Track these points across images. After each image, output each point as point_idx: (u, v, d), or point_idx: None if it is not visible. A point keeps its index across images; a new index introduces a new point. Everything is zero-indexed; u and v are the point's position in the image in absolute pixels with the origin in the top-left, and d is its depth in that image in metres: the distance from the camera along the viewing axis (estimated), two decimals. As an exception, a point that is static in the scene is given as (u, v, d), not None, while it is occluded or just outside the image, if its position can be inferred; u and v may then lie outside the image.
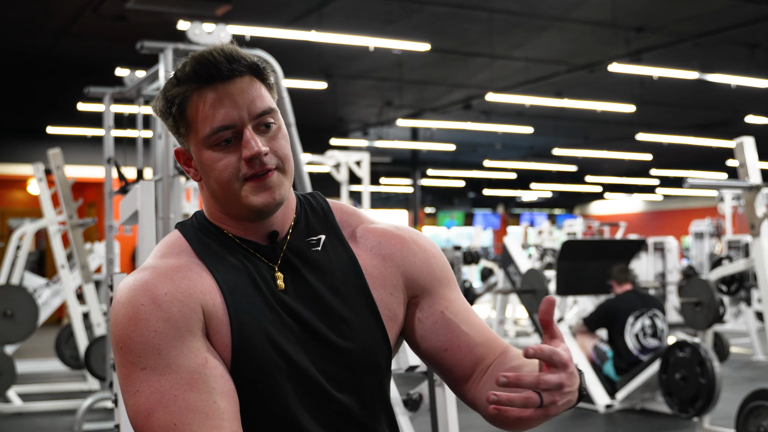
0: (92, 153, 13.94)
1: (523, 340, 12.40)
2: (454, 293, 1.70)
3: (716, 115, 18.44)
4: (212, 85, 1.52)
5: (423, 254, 1.69)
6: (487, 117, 17.93)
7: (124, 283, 1.52)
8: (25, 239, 8.52)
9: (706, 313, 5.94)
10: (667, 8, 11.36)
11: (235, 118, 1.52)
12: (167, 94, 1.56)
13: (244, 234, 1.60)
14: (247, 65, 1.55)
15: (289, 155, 1.57)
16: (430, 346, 1.66)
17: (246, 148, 1.51)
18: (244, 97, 1.53)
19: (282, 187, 1.55)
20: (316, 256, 1.63)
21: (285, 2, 10.80)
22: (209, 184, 1.57)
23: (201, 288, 1.51)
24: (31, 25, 11.57)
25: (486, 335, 1.67)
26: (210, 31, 5.17)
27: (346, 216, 1.72)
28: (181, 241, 1.60)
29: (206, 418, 1.41)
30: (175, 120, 1.57)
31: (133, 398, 1.45)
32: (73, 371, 9.16)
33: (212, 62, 1.51)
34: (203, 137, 1.53)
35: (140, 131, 6.16)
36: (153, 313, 1.46)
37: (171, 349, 1.45)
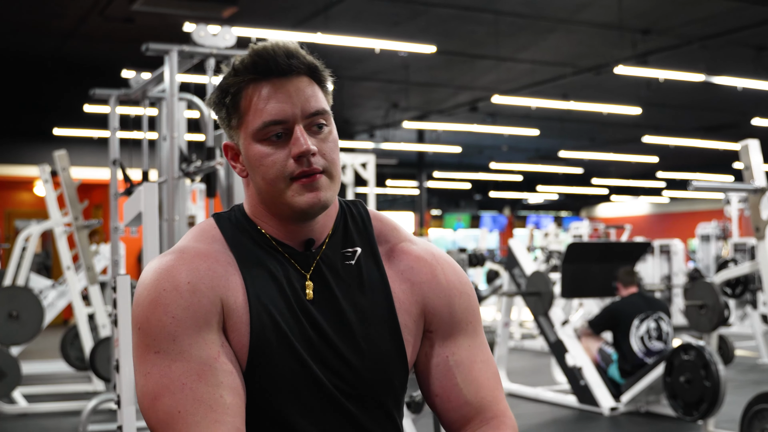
0: (99, 154, 13.96)
1: (529, 342, 12.40)
2: (467, 340, 1.66)
3: (723, 118, 18.41)
4: (268, 79, 1.53)
5: (449, 291, 1.65)
6: (494, 119, 17.92)
7: (151, 265, 1.53)
8: (31, 240, 8.54)
9: (711, 316, 5.93)
10: (674, 10, 11.35)
11: (288, 114, 1.52)
12: (223, 84, 1.56)
13: (280, 236, 1.58)
14: (306, 65, 1.55)
15: (337, 160, 1.56)
16: (426, 386, 1.65)
17: (295, 145, 1.51)
18: (299, 95, 1.53)
19: (329, 190, 1.54)
20: (349, 270, 1.61)
21: (291, 4, 10.81)
22: (255, 180, 1.56)
23: (225, 283, 1.51)
24: (38, 27, 11.59)
25: (480, 396, 1.62)
26: (215, 33, 5.18)
27: (385, 230, 1.69)
28: (215, 231, 1.59)
29: (210, 410, 1.42)
30: (228, 111, 1.56)
31: (143, 379, 1.46)
32: (78, 372, 9.18)
33: (271, 55, 1.52)
34: (254, 130, 1.53)
35: (145, 133, 6.17)
36: (173, 300, 1.46)
37: (186, 337, 1.45)
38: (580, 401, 7.60)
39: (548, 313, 7.89)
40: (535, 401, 8.06)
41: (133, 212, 3.26)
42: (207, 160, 4.96)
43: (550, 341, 8.00)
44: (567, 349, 7.74)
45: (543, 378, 9.08)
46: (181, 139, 5.57)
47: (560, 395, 7.98)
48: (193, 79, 6.53)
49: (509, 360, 9.39)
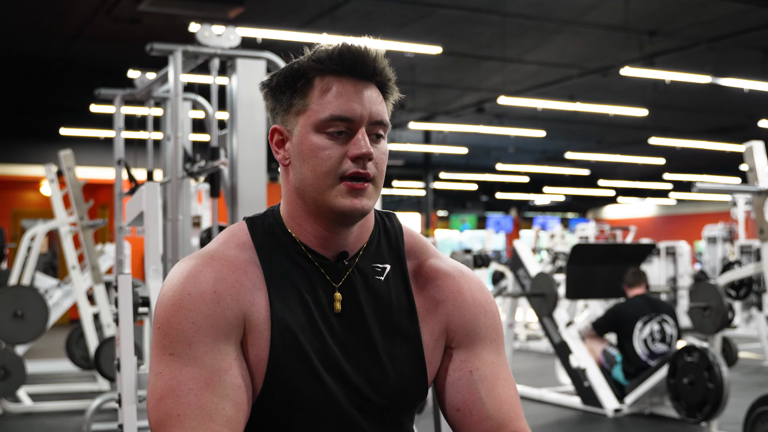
0: (105, 154, 13.98)
1: (534, 343, 12.40)
2: (490, 355, 1.65)
3: (729, 120, 18.38)
4: (346, 76, 1.52)
5: (474, 309, 1.65)
6: (500, 120, 17.92)
7: (180, 266, 1.53)
8: (36, 240, 8.56)
9: (715, 317, 5.92)
10: (681, 12, 11.34)
11: (357, 114, 1.51)
12: (299, 66, 1.54)
13: (314, 245, 1.57)
14: (385, 76, 1.56)
15: (384, 172, 1.56)
16: (447, 400, 1.63)
17: (356, 146, 1.50)
18: (371, 100, 1.53)
19: (371, 199, 1.53)
20: (378, 285, 1.61)
21: (298, 5, 10.82)
22: (301, 171, 1.54)
23: (250, 297, 1.51)
24: (45, 28, 11.62)
25: (503, 412, 1.60)
26: (219, 34, 5.18)
27: (416, 247, 1.69)
28: (246, 237, 1.58)
29: (209, 420, 1.42)
30: (294, 94, 1.55)
31: (154, 378, 1.47)
32: (83, 372, 9.20)
33: (361, 54, 1.52)
34: (318, 120, 1.51)
35: (150, 133, 6.19)
36: (196, 306, 1.47)
37: (202, 344, 1.46)
38: (584, 402, 7.60)
39: (552, 315, 7.89)
40: (540, 402, 8.06)
41: (135, 212, 3.27)
42: (211, 160, 4.97)
43: (554, 342, 7.99)
44: (571, 351, 7.74)
45: (547, 379, 9.08)
46: (185, 139, 5.59)
47: (564, 396, 7.98)
48: (197, 79, 6.55)
49: (514, 361, 9.40)
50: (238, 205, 5.04)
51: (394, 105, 1.62)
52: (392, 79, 1.57)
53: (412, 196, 28.89)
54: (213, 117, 5.18)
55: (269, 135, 1.60)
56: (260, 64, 5.16)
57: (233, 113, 5.09)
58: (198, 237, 7.83)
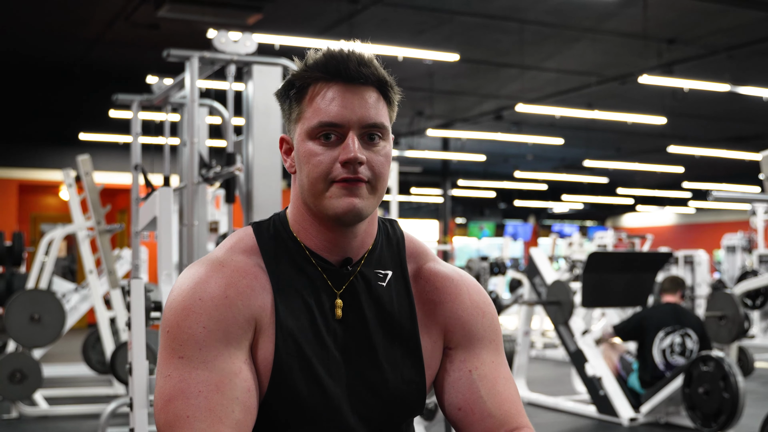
0: (124, 160, 14.01)
1: (551, 351, 12.36)
2: (490, 355, 1.66)
3: (749, 128, 18.31)
4: (336, 81, 1.53)
5: (472, 309, 1.67)
6: (518, 128, 17.91)
7: (189, 272, 1.54)
8: (54, 244, 8.59)
9: (731, 327, 5.90)
10: (700, 20, 11.31)
11: (345, 119, 1.51)
12: (291, 76, 1.57)
13: (319, 249, 1.59)
14: (376, 77, 1.56)
15: (384, 175, 1.55)
16: (448, 400, 1.65)
17: (344, 150, 1.51)
18: (361, 104, 1.53)
19: (367, 200, 1.54)
20: (380, 291, 1.62)
21: (316, 12, 10.85)
22: (301, 177, 1.56)
23: (260, 303, 1.52)
24: (65, 33, 11.69)
25: (504, 409, 1.62)
26: (236, 40, 5.21)
27: (416, 252, 1.70)
28: (252, 242, 1.60)
29: (218, 422, 1.43)
30: (290, 103, 1.57)
31: (162, 381, 1.48)
32: (99, 376, 9.23)
33: (344, 59, 1.53)
34: (309, 127, 1.53)
35: (167, 138, 6.21)
36: (207, 310, 1.48)
37: (212, 348, 1.47)
38: (599, 411, 7.57)
39: (568, 323, 7.86)
40: (555, 411, 8.03)
41: (149, 217, 3.28)
42: (226, 166, 4.99)
43: (570, 351, 7.97)
44: (587, 359, 7.72)
45: (563, 387, 9.05)
46: (201, 144, 5.61)
47: (580, 405, 7.95)
48: (214, 85, 6.58)
49: (530, 369, 9.36)
50: (253, 211, 5.06)
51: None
52: (388, 80, 1.57)
53: (430, 203, 28.88)
54: (229, 123, 5.20)
55: (279, 144, 1.63)
56: (276, 70, 5.18)
57: (249, 119, 5.10)
58: (214, 242, 7.87)
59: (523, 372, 8.59)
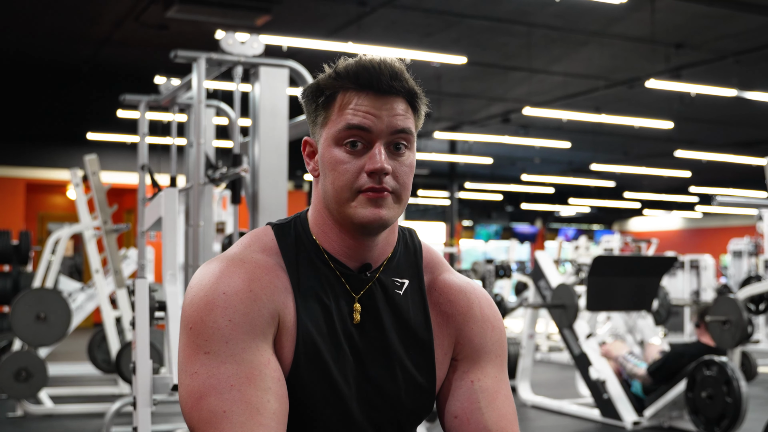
0: (131, 160, 14.03)
1: (556, 355, 12.36)
2: (494, 370, 1.67)
3: (756, 133, 18.29)
4: (366, 92, 1.53)
5: (483, 323, 1.68)
6: (526, 131, 17.91)
7: (208, 268, 1.53)
8: (60, 244, 8.62)
9: (734, 331, 5.90)
10: (708, 25, 11.31)
11: (373, 125, 1.52)
12: (321, 82, 1.57)
13: (339, 254, 1.59)
14: (406, 89, 1.56)
15: (408, 185, 1.56)
16: (446, 406, 1.65)
17: (371, 160, 1.51)
18: (390, 112, 1.53)
19: (392, 210, 1.54)
20: (397, 299, 1.62)
21: (324, 13, 10.87)
22: (324, 183, 1.56)
23: (282, 300, 1.52)
24: (74, 33, 11.73)
25: (501, 425, 1.62)
26: (243, 41, 5.22)
27: (432, 263, 1.71)
28: (271, 240, 1.60)
29: (256, 413, 1.42)
30: (317, 109, 1.57)
31: (189, 379, 1.46)
32: (104, 375, 9.26)
33: (376, 71, 1.53)
34: (336, 131, 1.53)
35: (174, 139, 6.23)
36: (233, 304, 1.47)
37: (239, 342, 1.46)
38: (603, 415, 7.57)
39: (573, 326, 7.87)
40: (559, 414, 8.04)
41: (154, 217, 3.30)
42: (233, 167, 5.00)
43: (574, 354, 7.97)
44: (591, 362, 7.72)
45: (567, 391, 9.05)
46: (208, 145, 5.63)
47: (584, 408, 7.96)
48: (221, 86, 6.60)
49: (535, 372, 9.37)
50: (258, 212, 5.07)
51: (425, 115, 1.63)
52: (417, 91, 1.58)
53: (437, 206, 28.87)
54: (236, 124, 5.22)
55: (302, 146, 1.64)
56: (283, 72, 5.19)
57: (255, 120, 5.12)
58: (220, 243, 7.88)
59: (528, 375, 8.60)
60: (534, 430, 7.47)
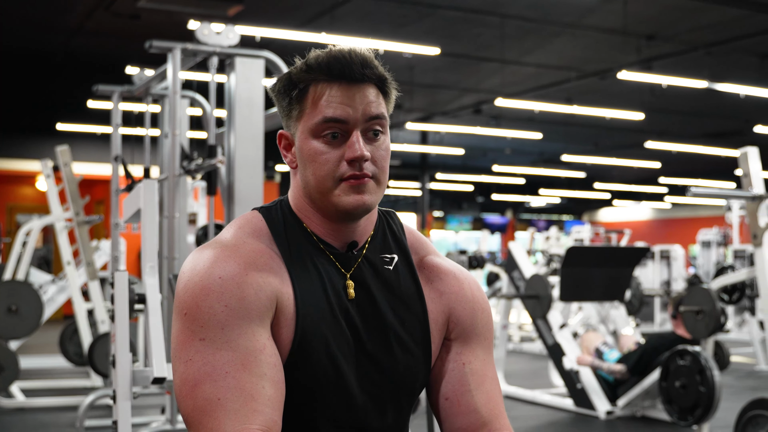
0: (102, 150, 13.96)
1: (528, 345, 12.41)
2: (482, 352, 1.70)
3: (726, 125, 18.42)
4: (339, 82, 1.55)
5: (474, 304, 1.71)
6: (497, 122, 17.95)
7: (202, 253, 1.54)
8: (32, 235, 8.55)
9: (707, 321, 5.94)
10: (679, 17, 11.37)
11: (349, 115, 1.54)
12: (293, 76, 1.58)
13: (324, 235, 1.62)
14: (377, 75, 1.58)
15: (386, 168, 1.60)
16: (437, 388, 1.68)
17: (350, 149, 1.54)
18: (363, 101, 1.56)
19: (374, 194, 1.57)
20: (387, 274, 1.65)
21: (297, 4, 10.83)
22: (305, 174, 1.58)
23: (279, 280, 1.54)
24: (45, 23, 11.63)
25: (490, 408, 1.65)
26: (219, 32, 5.19)
27: (417, 242, 1.74)
28: (261, 224, 1.61)
29: (251, 400, 1.42)
30: (291, 102, 1.59)
31: (183, 366, 1.46)
32: (76, 368, 9.19)
33: (347, 61, 1.55)
34: (313, 124, 1.55)
35: (148, 130, 6.19)
36: (228, 289, 1.47)
37: (235, 327, 1.46)
38: (576, 405, 7.62)
39: (546, 317, 7.90)
40: (532, 404, 8.08)
41: (133, 209, 3.28)
42: (208, 158, 4.97)
43: (547, 344, 8.01)
44: (564, 353, 7.76)
45: (541, 381, 9.10)
46: (182, 136, 5.59)
47: (557, 398, 8.00)
48: (195, 77, 6.56)
49: (507, 362, 9.41)
50: (234, 203, 5.05)
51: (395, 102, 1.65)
52: (386, 76, 1.60)
53: (408, 197, 28.90)
54: (211, 115, 5.19)
55: (277, 139, 1.65)
56: (259, 62, 5.17)
57: (231, 111, 5.09)
58: (194, 234, 7.84)
59: (501, 365, 8.63)
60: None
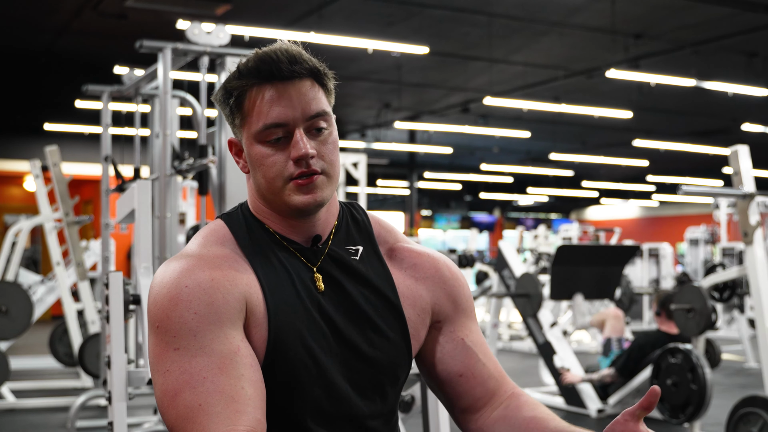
0: (89, 150, 13.93)
1: (517, 343, 12.43)
2: (474, 324, 1.75)
3: (713, 123, 18.47)
4: (271, 83, 1.55)
5: (454, 282, 1.73)
6: (485, 121, 17.95)
7: (168, 266, 1.54)
8: (21, 236, 8.52)
9: (699, 319, 5.96)
10: (667, 15, 11.39)
11: (289, 117, 1.54)
12: (227, 85, 1.59)
13: (286, 233, 1.62)
14: (309, 69, 1.57)
15: (336, 161, 1.60)
16: (445, 369, 1.70)
17: (294, 148, 1.54)
18: (300, 98, 1.55)
19: (326, 189, 1.57)
20: (355, 264, 1.65)
21: (285, 3, 10.81)
22: (256, 178, 1.59)
23: (246, 281, 1.54)
24: (32, 22, 11.57)
25: (500, 371, 1.72)
26: (209, 31, 5.17)
27: (384, 232, 1.74)
28: (225, 231, 1.62)
29: (232, 402, 1.42)
30: (232, 111, 1.59)
31: (162, 378, 1.46)
32: (66, 368, 9.17)
33: (274, 61, 1.54)
34: (255, 132, 1.55)
35: (138, 130, 6.17)
36: (196, 296, 1.48)
37: (207, 333, 1.46)
38: (567, 403, 7.63)
39: (537, 315, 7.91)
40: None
41: (126, 209, 3.26)
42: (199, 158, 4.96)
43: (538, 343, 8.02)
44: (555, 351, 7.77)
45: (531, 379, 9.11)
46: (173, 136, 5.57)
47: (547, 396, 8.01)
48: (186, 77, 6.53)
49: (498, 361, 9.40)
50: (226, 203, 5.03)
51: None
52: (319, 68, 1.60)
53: (396, 196, 28.90)
54: (202, 115, 5.17)
55: (228, 147, 1.66)
56: (250, 62, 5.15)
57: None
58: (184, 234, 7.83)
59: (492, 364, 8.62)
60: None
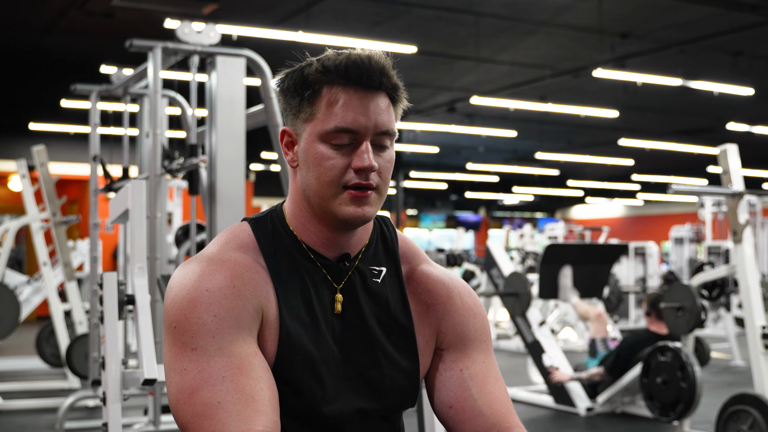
0: (75, 150, 13.89)
1: (504, 342, 12.44)
2: (480, 356, 1.69)
3: (699, 122, 18.53)
4: (355, 88, 1.53)
5: (464, 312, 1.69)
6: (471, 120, 17.97)
7: (188, 267, 1.53)
8: (8, 236, 8.48)
9: (688, 318, 5.98)
10: (653, 15, 11.42)
11: (361, 126, 1.52)
12: (309, 75, 1.55)
13: (317, 245, 1.60)
14: (392, 85, 1.57)
15: (388, 180, 1.58)
16: (439, 398, 1.67)
17: (359, 158, 1.52)
18: (377, 111, 1.54)
19: (374, 206, 1.56)
20: (375, 287, 1.64)
21: (272, 2, 10.79)
22: (307, 177, 1.56)
23: (265, 294, 1.53)
24: (18, 21, 11.51)
25: (495, 408, 1.64)
26: (199, 31, 5.16)
27: (409, 252, 1.72)
28: (249, 237, 1.60)
29: (252, 401, 1.42)
30: (302, 102, 1.56)
31: (178, 376, 1.46)
32: (53, 369, 9.12)
33: (366, 68, 1.53)
34: (323, 131, 1.53)
35: (126, 129, 6.15)
36: (216, 300, 1.47)
37: (226, 335, 1.46)
38: (556, 401, 7.64)
39: (526, 314, 7.92)
40: (512, 401, 8.08)
41: (120, 209, 3.25)
42: (189, 158, 4.95)
43: (527, 341, 8.03)
44: (544, 350, 7.78)
45: (519, 378, 9.12)
46: (162, 135, 5.56)
47: (536, 395, 8.02)
48: (175, 76, 6.52)
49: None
50: (216, 203, 5.03)
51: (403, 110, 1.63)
52: (400, 86, 1.59)
53: (382, 195, 28.88)
54: (192, 114, 5.16)
55: (279, 136, 1.62)
56: (240, 61, 5.15)
57: (212, 110, 5.07)
58: (173, 234, 7.81)
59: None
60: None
